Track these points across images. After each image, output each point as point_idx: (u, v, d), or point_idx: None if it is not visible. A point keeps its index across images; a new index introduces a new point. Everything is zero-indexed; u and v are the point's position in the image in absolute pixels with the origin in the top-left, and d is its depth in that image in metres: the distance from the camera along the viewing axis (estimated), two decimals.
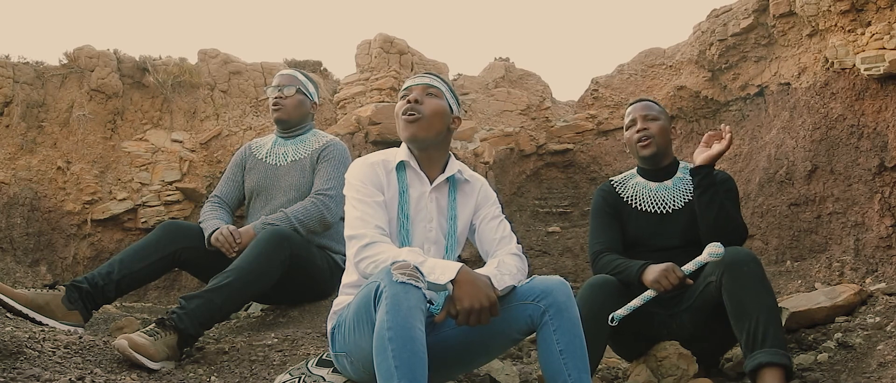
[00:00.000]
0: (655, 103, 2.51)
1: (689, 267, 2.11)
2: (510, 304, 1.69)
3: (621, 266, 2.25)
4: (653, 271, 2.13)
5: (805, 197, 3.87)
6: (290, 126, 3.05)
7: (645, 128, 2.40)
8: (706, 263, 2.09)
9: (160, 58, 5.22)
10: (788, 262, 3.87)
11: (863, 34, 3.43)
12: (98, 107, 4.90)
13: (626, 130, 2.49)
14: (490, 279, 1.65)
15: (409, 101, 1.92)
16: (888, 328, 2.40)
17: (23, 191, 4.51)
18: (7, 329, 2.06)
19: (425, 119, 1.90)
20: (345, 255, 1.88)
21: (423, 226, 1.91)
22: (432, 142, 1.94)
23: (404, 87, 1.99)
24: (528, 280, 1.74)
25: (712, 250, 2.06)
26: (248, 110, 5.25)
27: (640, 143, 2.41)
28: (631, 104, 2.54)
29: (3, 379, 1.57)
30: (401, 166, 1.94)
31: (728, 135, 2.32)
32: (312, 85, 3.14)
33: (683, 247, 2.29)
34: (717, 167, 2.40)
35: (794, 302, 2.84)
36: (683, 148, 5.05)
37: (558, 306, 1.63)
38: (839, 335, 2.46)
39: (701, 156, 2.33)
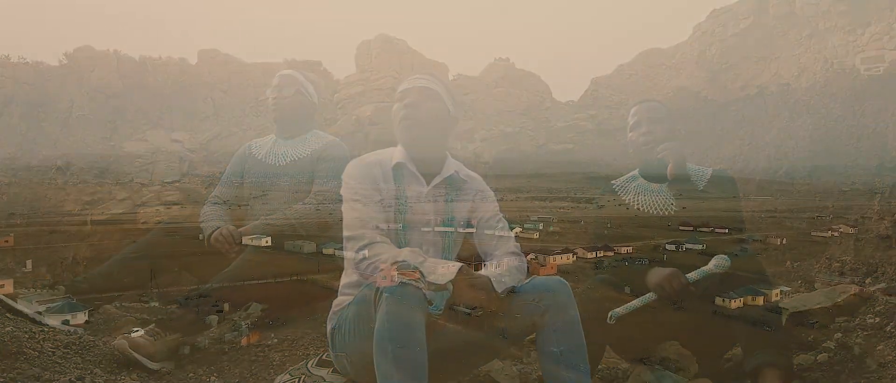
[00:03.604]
0: (661, 105, 2.47)
1: (693, 275, 2.09)
2: (510, 304, 1.68)
3: (624, 265, 2.24)
4: (656, 274, 2.11)
5: (805, 197, 3.86)
6: (290, 126, 3.04)
7: (650, 132, 2.36)
8: (711, 273, 2.08)
9: (160, 58, 5.22)
10: (788, 262, 3.87)
11: (863, 34, 3.43)
12: (98, 108, 4.90)
13: (631, 131, 2.44)
14: (490, 280, 1.65)
15: (405, 106, 1.91)
16: (888, 328, 2.40)
17: (22, 191, 4.50)
18: (7, 329, 2.06)
19: (422, 126, 1.90)
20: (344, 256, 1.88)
21: (420, 227, 1.91)
22: (430, 146, 1.94)
23: (400, 89, 1.96)
24: (528, 280, 1.74)
25: (719, 262, 2.05)
26: (248, 110, 5.25)
27: (646, 148, 2.38)
28: (636, 104, 2.47)
29: (3, 379, 1.57)
30: (398, 167, 1.93)
31: None
32: (312, 85, 3.14)
33: (685, 249, 2.29)
34: (716, 166, 2.40)
35: (794, 302, 2.84)
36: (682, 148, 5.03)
37: (558, 306, 1.63)
38: (839, 335, 2.46)
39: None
